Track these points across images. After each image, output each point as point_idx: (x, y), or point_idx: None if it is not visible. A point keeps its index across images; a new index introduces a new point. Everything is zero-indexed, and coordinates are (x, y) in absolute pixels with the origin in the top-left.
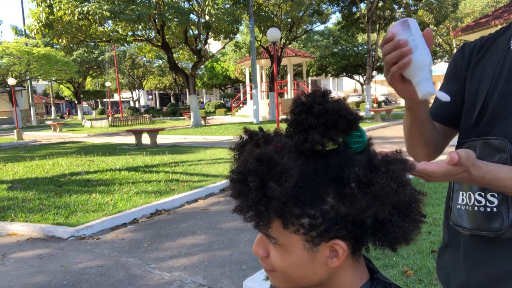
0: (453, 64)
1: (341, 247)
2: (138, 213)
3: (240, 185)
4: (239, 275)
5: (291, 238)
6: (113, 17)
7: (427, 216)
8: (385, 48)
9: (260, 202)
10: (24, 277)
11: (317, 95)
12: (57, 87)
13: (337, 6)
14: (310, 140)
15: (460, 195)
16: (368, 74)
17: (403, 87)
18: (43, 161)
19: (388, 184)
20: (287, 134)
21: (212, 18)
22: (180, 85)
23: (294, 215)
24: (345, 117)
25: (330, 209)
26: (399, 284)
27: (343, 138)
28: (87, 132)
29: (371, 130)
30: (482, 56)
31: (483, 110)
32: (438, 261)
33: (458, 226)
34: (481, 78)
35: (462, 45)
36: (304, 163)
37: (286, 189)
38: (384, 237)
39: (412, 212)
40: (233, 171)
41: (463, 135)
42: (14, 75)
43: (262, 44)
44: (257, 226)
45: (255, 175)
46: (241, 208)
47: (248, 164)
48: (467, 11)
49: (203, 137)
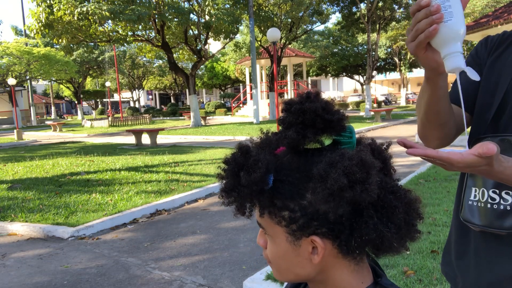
0: (475, 54)
1: (319, 244)
2: (138, 213)
3: (222, 172)
4: (239, 275)
5: (276, 230)
6: (113, 17)
7: (427, 216)
8: (417, 15)
9: (234, 189)
10: (24, 277)
11: (302, 96)
12: (57, 87)
13: (337, 6)
14: (287, 137)
15: (473, 191)
16: (368, 74)
17: (427, 56)
18: (43, 161)
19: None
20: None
21: (212, 18)
22: (180, 85)
23: (276, 207)
24: (322, 117)
25: (308, 205)
26: (399, 284)
27: (329, 137)
28: (87, 132)
29: (371, 130)
30: (504, 50)
31: (503, 106)
32: (445, 256)
33: (469, 222)
34: (501, 73)
35: (486, 38)
36: (289, 159)
37: (254, 178)
38: (359, 239)
39: (396, 218)
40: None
41: (478, 129)
42: (14, 75)
43: (262, 44)
44: (236, 212)
45: (233, 164)
46: (221, 193)
47: (232, 155)
48: (467, 11)
49: (203, 137)
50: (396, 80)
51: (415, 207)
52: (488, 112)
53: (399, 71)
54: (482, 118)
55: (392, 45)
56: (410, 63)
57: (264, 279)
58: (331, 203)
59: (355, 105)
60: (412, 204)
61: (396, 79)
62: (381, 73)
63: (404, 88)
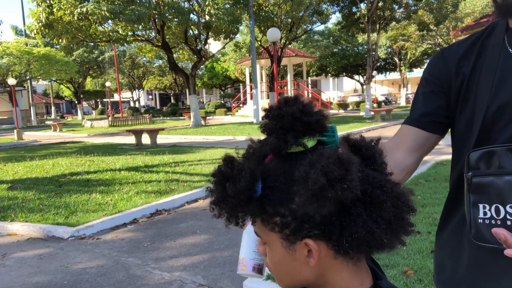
0: (433, 70)
1: (312, 247)
2: (138, 213)
3: (211, 185)
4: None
5: (271, 236)
6: (112, 18)
7: (427, 216)
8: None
9: (223, 200)
10: (24, 277)
11: (280, 101)
12: (57, 87)
13: (337, 6)
14: (268, 143)
15: (481, 208)
16: (368, 74)
17: None
18: (43, 161)
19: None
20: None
21: (212, 18)
22: (180, 85)
23: (268, 214)
24: (300, 120)
25: (298, 208)
26: (399, 284)
27: (312, 139)
28: (87, 132)
29: (371, 130)
30: (476, 62)
31: (498, 114)
32: (439, 276)
33: (483, 242)
34: (479, 82)
35: (441, 51)
36: (275, 165)
37: (240, 188)
38: (349, 238)
39: (386, 213)
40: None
41: (471, 141)
42: (14, 75)
43: (262, 44)
44: (226, 223)
45: (219, 176)
46: (211, 206)
47: (218, 167)
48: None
49: (203, 137)
50: (396, 80)
51: (405, 200)
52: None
53: (399, 71)
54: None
55: (392, 45)
56: (410, 63)
57: (264, 279)
58: (314, 204)
59: (355, 105)
60: (401, 197)
61: (396, 79)
62: (381, 73)
63: (404, 88)
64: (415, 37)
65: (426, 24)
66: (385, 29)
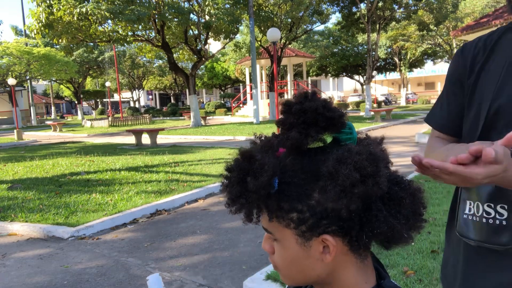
0: (454, 68)
1: (330, 243)
2: (138, 213)
3: (226, 180)
4: (239, 275)
5: (285, 233)
6: (112, 18)
7: (427, 216)
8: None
9: (241, 195)
10: (24, 277)
11: (300, 96)
12: (57, 87)
13: (337, 6)
14: (290, 138)
15: (468, 204)
16: (368, 74)
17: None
18: (43, 161)
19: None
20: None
21: (212, 18)
22: (180, 85)
23: (284, 210)
24: (323, 115)
25: (316, 204)
26: (399, 284)
27: (330, 135)
28: (87, 132)
29: (371, 130)
30: (486, 60)
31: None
32: (442, 271)
33: (464, 236)
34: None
35: (461, 49)
36: (292, 160)
37: (262, 183)
38: (370, 233)
39: (404, 209)
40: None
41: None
42: (14, 75)
43: (262, 44)
44: (245, 219)
45: (238, 171)
46: (228, 202)
47: (235, 161)
48: (467, 11)
49: (203, 137)
50: (396, 80)
51: (419, 197)
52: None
53: (399, 71)
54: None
55: (392, 45)
56: (410, 63)
57: (264, 279)
58: (343, 199)
59: (355, 105)
60: (417, 194)
61: (396, 79)
62: (381, 73)
63: (404, 88)
64: (415, 37)
65: (426, 24)
66: (385, 29)
